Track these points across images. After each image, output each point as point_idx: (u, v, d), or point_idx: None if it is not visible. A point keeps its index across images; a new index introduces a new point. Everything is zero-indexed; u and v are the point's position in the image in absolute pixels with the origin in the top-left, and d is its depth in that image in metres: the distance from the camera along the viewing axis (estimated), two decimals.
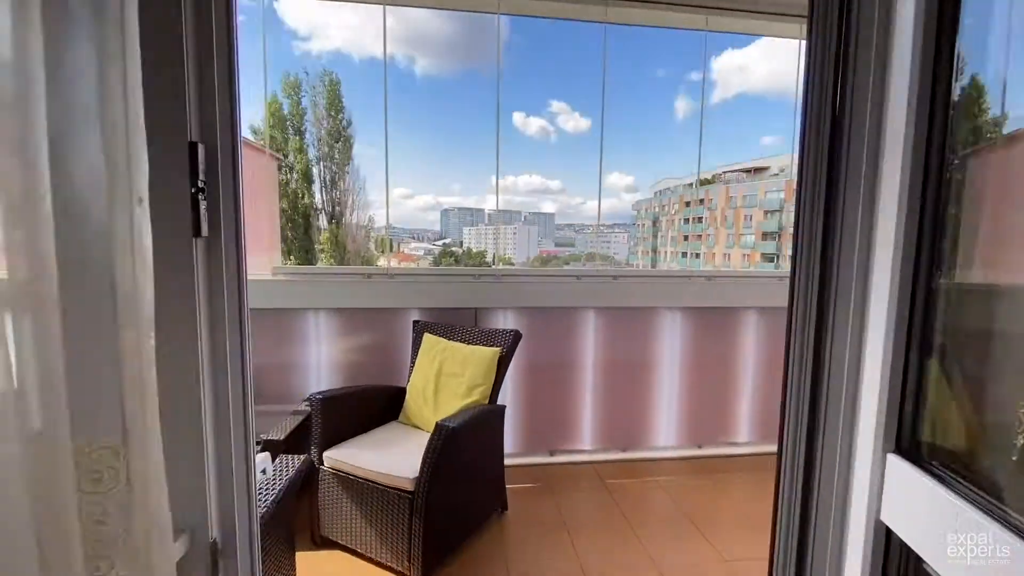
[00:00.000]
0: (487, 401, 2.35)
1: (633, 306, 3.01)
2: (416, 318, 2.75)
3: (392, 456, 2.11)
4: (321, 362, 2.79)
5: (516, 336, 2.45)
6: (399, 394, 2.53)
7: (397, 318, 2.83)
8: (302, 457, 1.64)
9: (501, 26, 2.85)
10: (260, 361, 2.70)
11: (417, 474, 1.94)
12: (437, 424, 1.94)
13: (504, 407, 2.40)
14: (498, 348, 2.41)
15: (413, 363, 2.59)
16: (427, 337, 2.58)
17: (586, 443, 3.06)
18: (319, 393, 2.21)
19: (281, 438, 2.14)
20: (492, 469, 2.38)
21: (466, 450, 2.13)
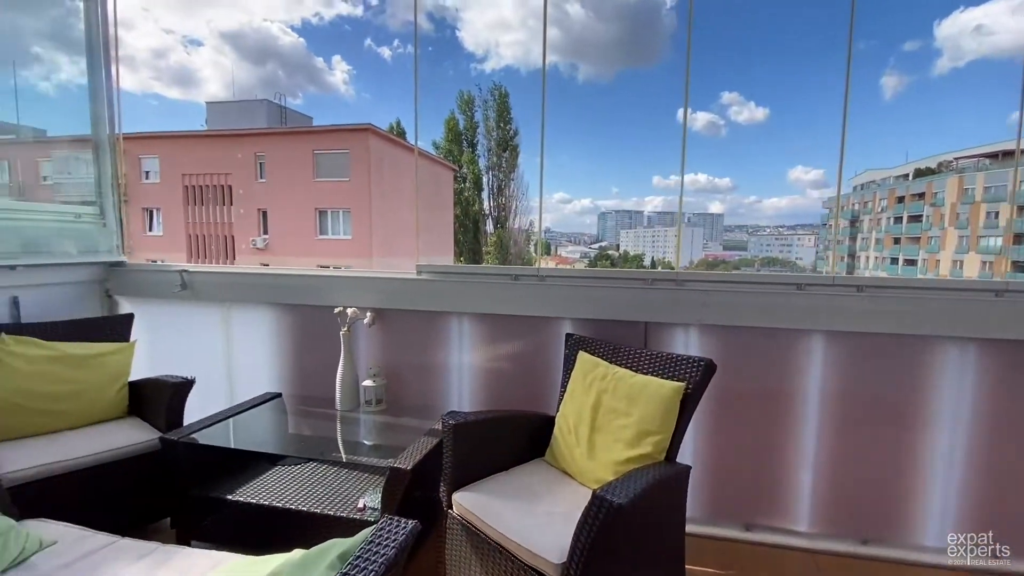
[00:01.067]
0: (663, 456, 1.59)
1: (891, 332, 1.91)
2: (569, 330, 2.12)
3: (534, 518, 1.50)
4: (463, 374, 2.34)
5: (708, 368, 1.64)
6: (546, 425, 1.93)
7: (547, 328, 2.24)
8: (409, 525, 1.14)
9: (670, 17, 2.11)
10: (398, 368, 2.36)
11: (565, 559, 1.30)
12: (596, 495, 1.26)
13: (689, 469, 1.60)
14: (681, 383, 1.63)
15: (564, 387, 1.96)
16: (583, 357, 1.93)
17: (801, 522, 2.05)
18: (451, 417, 1.72)
19: (408, 467, 1.70)
20: (668, 553, 1.61)
21: (634, 531, 1.42)
